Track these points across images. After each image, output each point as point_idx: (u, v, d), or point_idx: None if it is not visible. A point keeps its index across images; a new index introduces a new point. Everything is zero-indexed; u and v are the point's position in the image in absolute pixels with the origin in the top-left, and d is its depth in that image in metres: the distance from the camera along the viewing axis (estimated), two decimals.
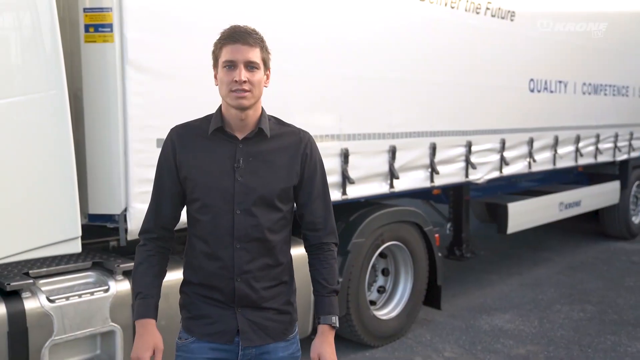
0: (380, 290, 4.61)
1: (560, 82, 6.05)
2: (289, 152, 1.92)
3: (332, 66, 3.83)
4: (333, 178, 3.78)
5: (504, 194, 6.35)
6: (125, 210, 2.87)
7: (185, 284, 1.98)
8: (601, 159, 6.93)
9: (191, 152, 1.88)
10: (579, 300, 5.45)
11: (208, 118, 1.92)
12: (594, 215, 8.02)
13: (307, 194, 1.97)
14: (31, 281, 2.69)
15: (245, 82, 1.78)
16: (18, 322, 2.59)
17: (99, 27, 2.80)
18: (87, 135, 2.88)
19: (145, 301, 1.88)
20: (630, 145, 7.53)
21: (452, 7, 4.60)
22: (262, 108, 1.92)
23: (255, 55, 1.81)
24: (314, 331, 2.83)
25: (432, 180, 4.62)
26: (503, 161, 5.34)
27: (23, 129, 2.56)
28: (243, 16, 2.37)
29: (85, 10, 2.82)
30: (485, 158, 5.14)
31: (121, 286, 2.91)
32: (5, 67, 2.52)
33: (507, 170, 5.44)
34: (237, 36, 1.80)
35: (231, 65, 1.80)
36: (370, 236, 4.17)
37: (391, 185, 4.24)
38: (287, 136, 1.94)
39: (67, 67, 2.68)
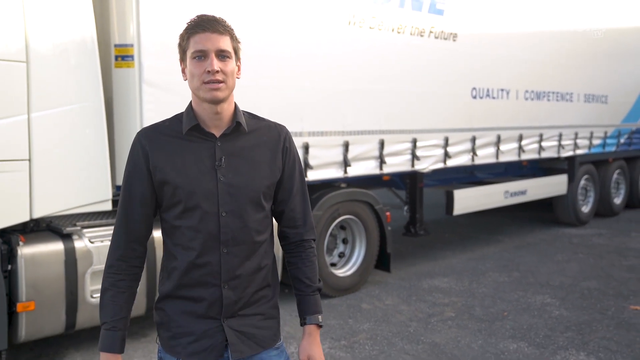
0: (341, 255, 5.88)
1: (502, 90, 7.25)
2: (269, 146, 1.85)
3: (297, 77, 5.08)
4: None
5: (458, 183, 7.59)
6: None
7: (162, 299, 1.84)
8: (545, 155, 8.11)
9: (166, 154, 1.76)
10: (509, 269, 6.65)
11: (178, 117, 1.83)
12: (550, 206, 9.25)
13: (288, 190, 1.90)
14: (79, 228, 3.99)
15: (218, 72, 1.69)
16: (70, 255, 3.88)
17: (124, 57, 4.09)
18: (116, 131, 4.18)
19: (111, 333, 1.77)
20: (575, 144, 8.69)
21: (399, 32, 5.83)
22: (235, 102, 1.83)
23: (226, 43, 1.72)
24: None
25: (381, 169, 5.86)
26: (446, 155, 6.56)
27: (75, 127, 3.87)
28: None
29: (115, 45, 4.12)
30: (429, 152, 6.37)
31: None
32: (63, 85, 3.82)
33: (451, 163, 6.66)
34: (205, 24, 1.71)
35: (201, 55, 1.70)
36: (327, 210, 5.43)
37: (345, 172, 5.50)
38: (264, 130, 1.87)
39: (103, 84, 3.99)
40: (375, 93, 5.73)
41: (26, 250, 3.70)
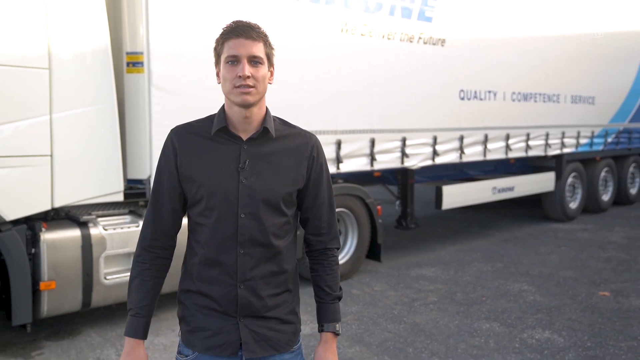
0: None
1: (489, 91, 7.67)
2: (295, 154, 1.87)
3: (294, 81, 5.52)
4: None
5: (449, 180, 8.02)
6: (149, 176, 4.62)
7: (183, 293, 1.90)
8: (532, 153, 8.52)
9: (193, 152, 1.82)
10: (494, 260, 7.08)
11: (210, 118, 1.88)
12: (540, 202, 9.68)
13: (313, 198, 1.93)
14: (94, 217, 4.46)
15: (249, 77, 1.74)
16: (87, 240, 4.35)
17: (135, 63, 4.55)
18: (127, 130, 4.64)
19: (135, 319, 1.84)
20: (562, 143, 9.09)
21: (389, 39, 6.27)
22: (267, 107, 1.87)
23: (259, 49, 1.77)
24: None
25: (372, 165, 6.30)
26: (435, 153, 6.99)
27: (91, 127, 4.33)
28: None
29: (127, 53, 4.58)
30: (418, 150, 6.80)
31: None
32: (81, 89, 4.28)
33: (439, 160, 7.08)
34: (239, 30, 1.76)
35: (234, 60, 1.75)
36: None
37: (337, 168, 5.94)
38: (293, 137, 1.89)
39: (116, 88, 4.45)
40: (367, 95, 6.17)
41: (48, 236, 4.17)
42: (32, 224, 4.17)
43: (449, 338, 4.57)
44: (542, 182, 9.04)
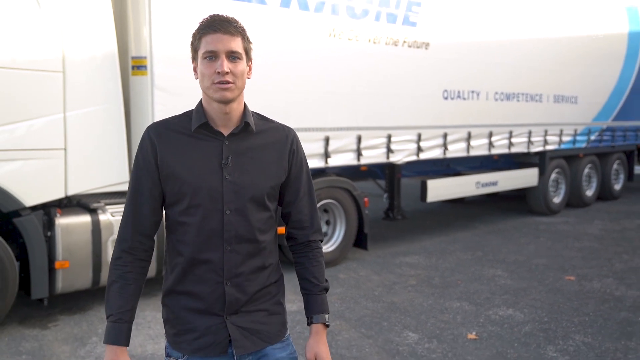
0: (324, 235, 6.84)
1: (473, 91, 8.15)
2: (276, 148, 1.87)
3: (284, 81, 6.02)
4: None
5: (435, 175, 8.51)
6: None
7: (167, 295, 1.87)
8: (515, 150, 9.00)
9: (174, 149, 1.80)
10: (474, 249, 7.57)
11: (187, 114, 1.86)
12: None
13: (295, 192, 1.93)
14: (102, 204, 4.98)
15: (228, 73, 1.72)
16: (96, 225, 4.86)
17: (139, 66, 5.07)
18: (132, 126, 5.15)
19: (117, 325, 1.78)
20: (545, 140, 9.57)
21: (375, 43, 6.77)
22: (245, 102, 1.86)
23: (237, 44, 1.75)
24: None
25: (358, 160, 6.80)
26: (419, 149, 7.49)
27: (100, 124, 4.85)
28: None
29: (132, 57, 5.10)
30: (403, 146, 7.30)
31: None
32: (91, 90, 4.80)
33: (424, 156, 7.58)
34: (217, 25, 1.74)
35: (212, 56, 1.73)
36: None
37: (326, 162, 6.45)
38: (272, 132, 1.89)
39: (122, 89, 4.96)
40: (353, 95, 6.66)
41: (62, 221, 4.70)
42: (48, 210, 4.69)
43: (421, 314, 5.07)
44: (525, 178, 9.53)
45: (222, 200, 1.79)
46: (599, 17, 10.25)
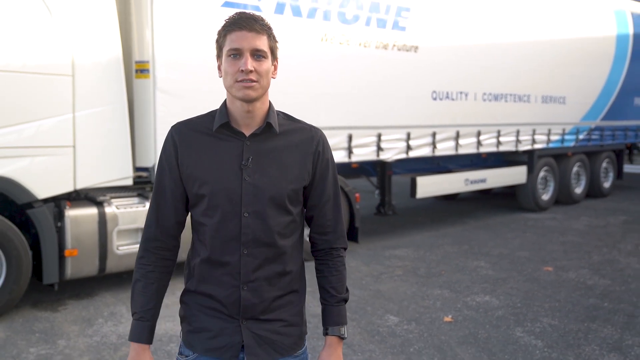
0: None
1: (461, 92, 8.52)
2: (300, 149, 1.81)
3: (279, 84, 6.39)
4: None
5: (426, 172, 8.88)
6: (154, 165, 5.52)
7: (185, 293, 1.87)
8: (503, 148, 9.36)
9: (195, 149, 1.78)
10: (462, 243, 7.95)
11: (211, 114, 1.84)
12: None
13: (319, 196, 1.87)
14: (108, 198, 5.38)
15: (251, 71, 1.68)
16: (102, 217, 5.26)
17: (142, 70, 5.47)
18: (136, 126, 5.55)
19: (140, 324, 1.80)
20: (533, 139, 9.93)
21: (365, 47, 7.15)
22: (270, 102, 1.82)
23: (262, 43, 1.71)
24: None
25: (349, 158, 7.19)
26: (409, 147, 7.87)
27: (106, 123, 5.24)
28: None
29: (135, 61, 5.50)
30: (393, 145, 7.68)
31: None
32: (98, 92, 5.19)
33: (413, 154, 7.96)
34: (242, 22, 1.71)
35: (236, 54, 1.70)
36: None
37: None
38: (298, 132, 1.84)
39: (127, 91, 5.36)
40: (345, 96, 7.05)
41: (71, 212, 5.10)
42: (58, 202, 5.10)
43: (403, 301, 5.45)
44: (513, 175, 9.89)
45: (241, 203, 1.75)
46: (588, 20, 10.60)
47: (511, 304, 5.36)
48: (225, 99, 1.82)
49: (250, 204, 1.76)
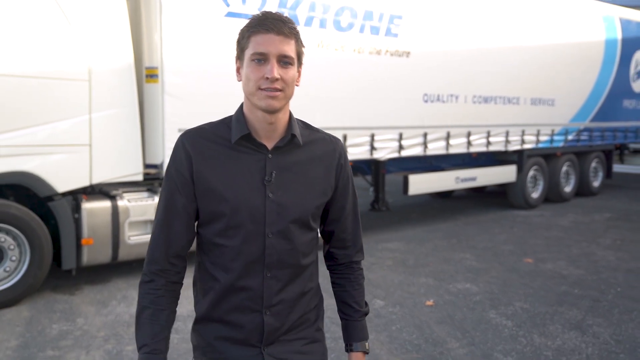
0: None
1: (452, 95, 9.00)
2: (323, 162, 1.71)
3: None
4: None
5: (419, 170, 9.35)
6: (162, 162, 6.02)
7: (198, 321, 1.72)
8: (492, 148, 9.82)
9: (211, 162, 1.62)
10: (451, 237, 8.42)
11: (225, 122, 1.69)
12: None
13: (340, 209, 1.79)
14: (120, 192, 5.88)
15: (278, 79, 1.54)
16: (115, 209, 5.76)
17: (152, 75, 5.97)
18: (146, 126, 6.05)
19: (152, 357, 1.60)
20: (522, 140, 10.39)
21: (359, 52, 7.64)
22: (290, 111, 1.69)
23: (290, 48, 1.56)
24: None
25: None
26: (401, 147, 8.35)
27: (119, 124, 5.74)
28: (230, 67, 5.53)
29: (146, 67, 6.00)
30: (386, 144, 8.16)
31: (158, 199, 6.07)
32: (112, 95, 5.69)
33: (405, 153, 8.44)
34: (270, 24, 1.55)
35: (261, 58, 1.54)
36: None
37: None
38: (319, 144, 1.73)
39: (137, 95, 5.86)
40: (339, 99, 7.54)
41: (87, 205, 5.60)
42: (75, 196, 5.60)
43: (390, 287, 5.94)
44: (503, 174, 10.36)
45: (264, 222, 1.63)
46: (577, 26, 11.05)
47: (489, 290, 5.84)
48: (242, 106, 1.69)
49: (275, 223, 1.64)
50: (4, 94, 5.02)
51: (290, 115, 1.71)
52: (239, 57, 1.64)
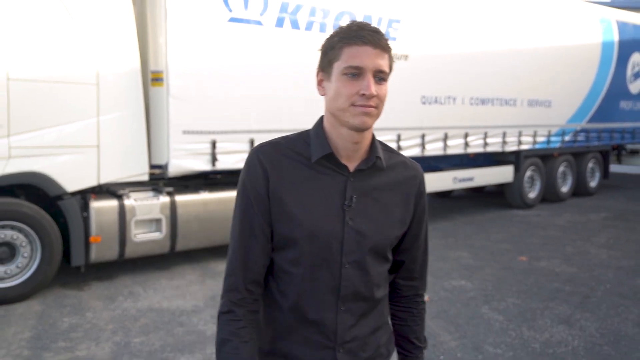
0: None
1: (449, 97, 9.20)
2: (402, 189, 1.60)
3: (279, 90, 7.09)
4: None
5: None
6: (167, 162, 6.23)
7: (264, 355, 1.59)
8: (489, 149, 10.02)
9: (289, 182, 1.50)
10: (449, 236, 8.62)
11: (303, 137, 1.57)
12: None
13: (413, 238, 1.67)
14: (127, 192, 6.09)
15: (374, 96, 1.44)
16: (122, 208, 5.97)
17: (157, 79, 6.18)
18: (151, 128, 6.26)
19: None
20: (519, 140, 10.58)
21: None
22: (373, 132, 1.56)
23: (386, 62, 1.48)
24: None
25: None
26: (399, 148, 8.55)
27: (125, 125, 5.95)
28: (233, 69, 5.74)
29: (151, 71, 6.21)
30: None
31: (163, 198, 6.27)
32: (119, 98, 5.90)
33: (403, 154, 8.61)
34: (367, 36, 1.45)
35: (356, 73, 1.44)
36: None
37: None
38: (399, 168, 1.62)
39: (144, 97, 6.07)
40: None
41: (95, 204, 5.81)
42: (84, 195, 5.81)
43: None
44: (500, 174, 10.56)
45: (342, 251, 1.52)
46: (574, 28, 11.25)
47: (483, 287, 6.04)
48: (321, 122, 1.59)
49: (353, 252, 1.53)
50: (16, 98, 5.24)
51: (373, 135, 1.59)
52: (324, 69, 1.54)
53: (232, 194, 6.75)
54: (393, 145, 8.44)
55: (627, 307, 5.38)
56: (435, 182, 9.55)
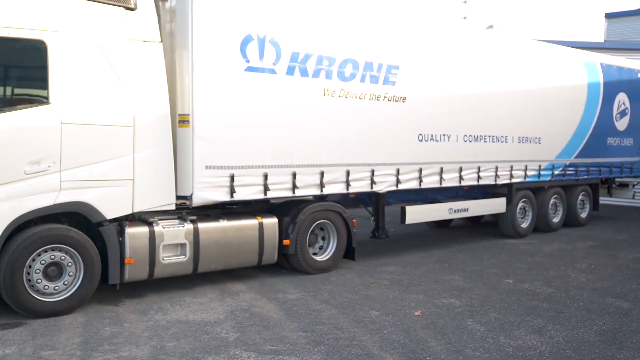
0: (320, 247, 8.73)
1: (444, 135, 10.08)
2: None
3: (289, 130, 7.99)
4: (286, 185, 7.96)
5: (416, 202, 10.38)
6: (192, 194, 7.10)
7: None
8: (483, 182, 10.85)
9: None
10: (443, 262, 9.40)
11: None
12: None
13: None
14: (156, 219, 6.96)
15: None
16: (152, 234, 6.82)
17: (184, 121, 7.10)
18: (178, 163, 7.14)
19: None
20: (511, 174, 11.41)
21: (361, 99, 8.76)
22: None
23: None
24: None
25: (347, 189, 8.73)
26: (398, 181, 9.41)
27: (157, 162, 6.84)
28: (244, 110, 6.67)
29: (179, 114, 7.14)
30: (384, 179, 9.21)
31: (188, 225, 7.12)
32: (151, 138, 6.80)
33: (402, 187, 9.48)
34: None
35: None
36: (308, 216, 8.31)
37: (321, 191, 8.38)
38: None
39: (172, 137, 6.98)
40: (343, 140, 8.62)
41: (129, 230, 6.67)
42: (120, 222, 6.68)
43: (385, 301, 6.93)
44: (494, 206, 11.37)
45: None
46: (560, 71, 12.20)
47: (469, 304, 6.82)
48: None
49: None
50: (69, 139, 6.15)
51: None
52: None
53: (247, 222, 7.64)
54: (393, 179, 9.33)
55: (594, 321, 6.16)
56: (433, 212, 10.40)
